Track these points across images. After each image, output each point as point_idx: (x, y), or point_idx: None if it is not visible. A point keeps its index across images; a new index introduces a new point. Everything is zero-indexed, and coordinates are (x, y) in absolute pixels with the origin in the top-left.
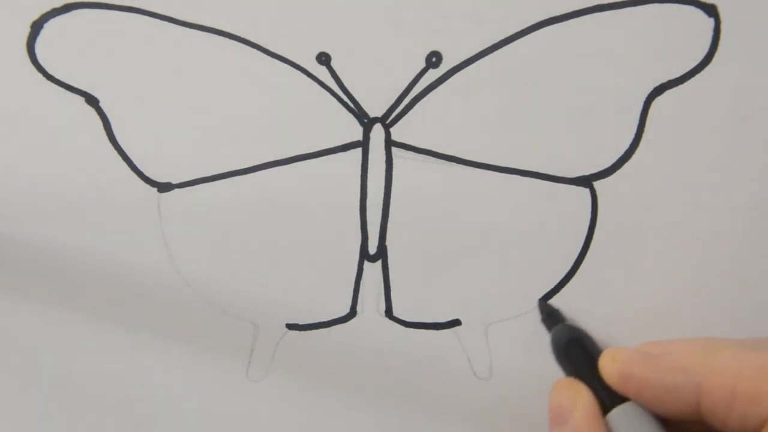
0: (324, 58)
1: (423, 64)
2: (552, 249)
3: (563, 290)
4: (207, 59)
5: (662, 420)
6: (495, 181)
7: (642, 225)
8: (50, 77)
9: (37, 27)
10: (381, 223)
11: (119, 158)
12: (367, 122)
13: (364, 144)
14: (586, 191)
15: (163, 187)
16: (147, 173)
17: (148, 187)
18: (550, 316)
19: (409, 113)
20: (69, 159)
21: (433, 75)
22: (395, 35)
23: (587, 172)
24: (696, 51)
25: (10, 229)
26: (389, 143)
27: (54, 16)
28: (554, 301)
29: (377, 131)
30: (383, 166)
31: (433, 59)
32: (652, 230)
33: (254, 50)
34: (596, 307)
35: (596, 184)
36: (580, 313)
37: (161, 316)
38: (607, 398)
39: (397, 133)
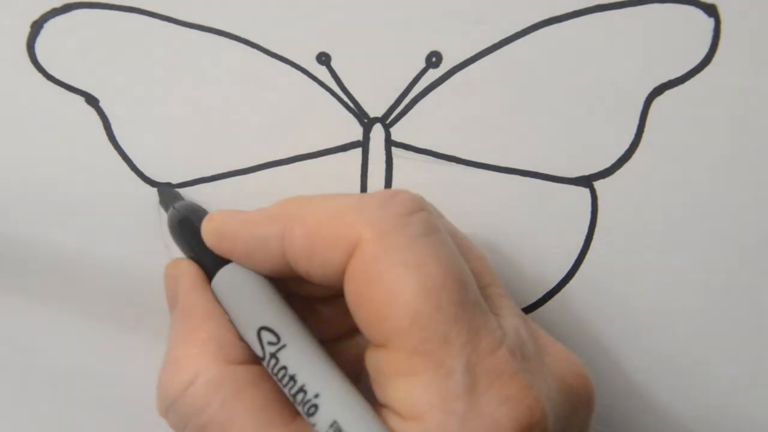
0: (324, 58)
1: (423, 64)
2: (552, 249)
3: (563, 290)
4: (207, 59)
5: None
6: (495, 181)
7: (642, 225)
8: (50, 77)
9: (37, 27)
10: None
11: (119, 158)
12: (367, 122)
13: (364, 144)
14: (586, 191)
15: (163, 187)
16: (147, 173)
17: (148, 187)
18: (166, 200)
19: (409, 113)
20: (69, 159)
21: (433, 75)
22: (395, 35)
23: (587, 172)
24: (696, 51)
25: (10, 229)
26: (389, 143)
27: (54, 16)
28: (554, 301)
29: (377, 131)
30: (383, 166)
31: (433, 59)
32: (652, 230)
33: (254, 50)
34: (596, 307)
35: (596, 184)
36: (580, 313)
37: (161, 315)
38: (213, 267)
39: (397, 133)
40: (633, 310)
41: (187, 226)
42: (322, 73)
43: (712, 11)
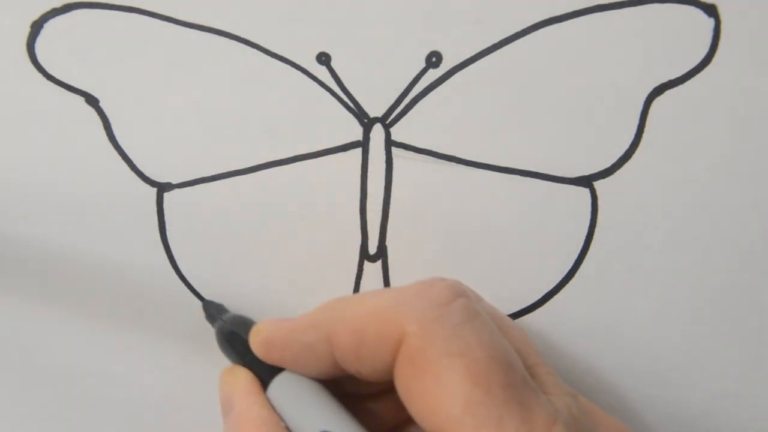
0: (324, 58)
1: (423, 64)
2: (552, 249)
3: (563, 290)
4: (207, 59)
5: (325, 381)
6: (495, 181)
7: (642, 225)
8: (50, 77)
9: (37, 27)
10: (381, 223)
11: (119, 158)
12: (367, 122)
13: (364, 144)
14: (586, 191)
15: (164, 187)
16: (147, 173)
17: (148, 187)
18: (212, 313)
19: (409, 113)
20: (69, 159)
21: (433, 75)
22: (395, 35)
23: (587, 172)
24: (696, 51)
25: (10, 229)
26: (389, 143)
27: (54, 16)
28: (554, 301)
29: (377, 131)
30: (383, 166)
31: (433, 59)
32: (652, 230)
33: (254, 50)
34: (596, 307)
35: (596, 184)
36: (581, 313)
37: (161, 315)
38: (266, 375)
39: (397, 133)
40: (633, 310)
41: (236, 338)
42: (322, 73)
43: (712, 11)
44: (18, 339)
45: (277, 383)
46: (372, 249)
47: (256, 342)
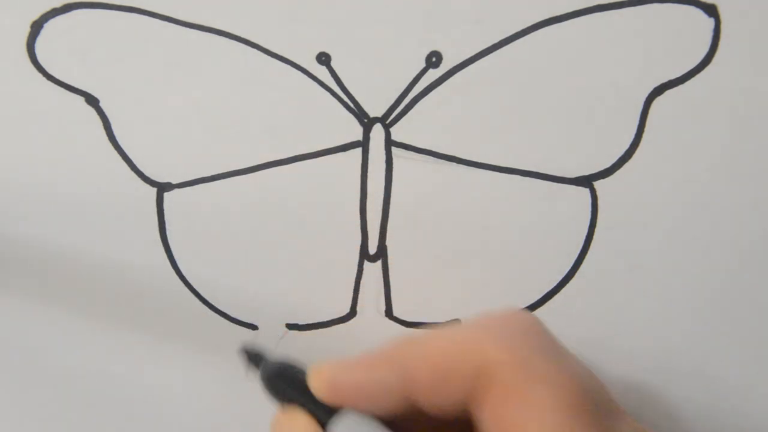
0: (324, 58)
1: (423, 64)
2: (552, 249)
3: (563, 290)
4: (207, 59)
5: (386, 419)
6: (495, 181)
7: (642, 225)
8: (50, 77)
9: (37, 27)
10: (381, 223)
11: (119, 158)
12: (367, 122)
13: (364, 144)
14: (586, 191)
15: (164, 187)
16: (147, 173)
17: (148, 187)
18: (253, 358)
19: (409, 113)
20: (69, 159)
21: (433, 75)
22: (395, 35)
23: (587, 172)
24: (696, 51)
25: (10, 229)
26: (389, 143)
27: (54, 16)
28: (554, 301)
29: (377, 131)
30: (383, 166)
31: (433, 59)
32: (652, 230)
33: (254, 50)
34: (596, 307)
35: (596, 184)
36: (581, 313)
37: (161, 315)
38: (325, 416)
39: (397, 133)
40: (633, 309)
41: (285, 381)
42: (322, 73)
43: (712, 11)
44: (18, 339)
45: (342, 424)
46: (372, 249)
47: (318, 383)
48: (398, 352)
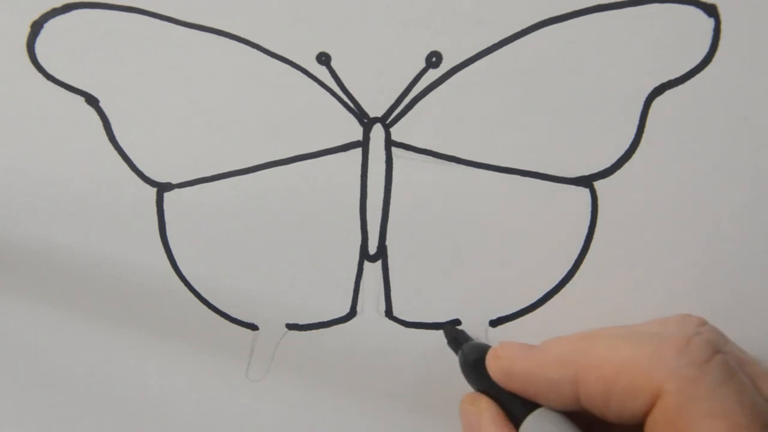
0: (324, 58)
1: (423, 64)
2: (552, 249)
3: (563, 290)
4: (207, 59)
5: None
6: (495, 181)
7: (642, 225)
8: (50, 77)
9: (37, 27)
10: (381, 223)
11: (119, 158)
12: (367, 122)
13: (364, 144)
14: (586, 191)
15: (163, 187)
16: (147, 173)
17: (148, 187)
18: (455, 339)
19: (409, 113)
20: (69, 159)
21: (433, 75)
22: (395, 35)
23: (587, 172)
24: (696, 51)
25: (10, 229)
26: (389, 143)
27: (54, 16)
28: (554, 301)
29: (377, 131)
30: (383, 166)
31: (433, 59)
32: (652, 230)
33: (254, 50)
34: (596, 307)
35: (596, 184)
36: (581, 313)
37: (161, 315)
38: (517, 407)
39: (397, 133)
40: (633, 310)
41: (481, 365)
42: (322, 73)
43: (712, 11)
44: (18, 339)
45: (535, 419)
46: (372, 249)
47: (495, 367)
48: (570, 356)
